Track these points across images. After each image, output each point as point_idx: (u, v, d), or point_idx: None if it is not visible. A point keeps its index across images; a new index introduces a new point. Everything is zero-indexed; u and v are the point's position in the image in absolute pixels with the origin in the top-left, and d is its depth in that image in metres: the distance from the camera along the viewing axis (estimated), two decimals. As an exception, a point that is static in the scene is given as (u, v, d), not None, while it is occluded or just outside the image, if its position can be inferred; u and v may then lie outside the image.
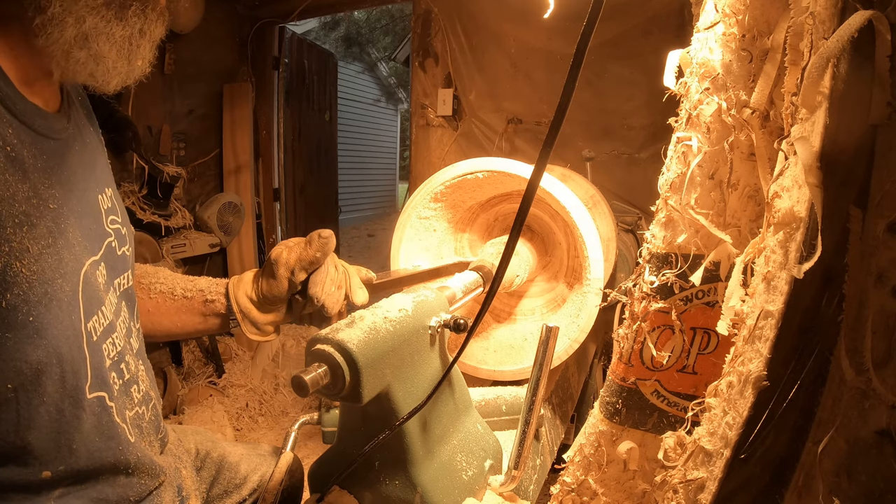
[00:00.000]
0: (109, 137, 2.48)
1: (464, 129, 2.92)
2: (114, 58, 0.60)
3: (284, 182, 3.71)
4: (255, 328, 0.88)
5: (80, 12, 0.56)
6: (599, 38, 2.37)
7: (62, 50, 0.57)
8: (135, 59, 0.62)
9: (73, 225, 0.62)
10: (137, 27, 0.61)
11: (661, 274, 0.74)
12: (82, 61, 0.58)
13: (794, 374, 0.52)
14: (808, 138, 0.48)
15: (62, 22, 0.55)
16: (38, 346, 0.56)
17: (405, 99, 9.75)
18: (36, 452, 0.59)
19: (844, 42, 0.44)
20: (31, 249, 0.55)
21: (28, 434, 0.57)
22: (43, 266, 0.56)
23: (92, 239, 0.66)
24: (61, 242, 0.59)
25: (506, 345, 1.24)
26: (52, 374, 0.58)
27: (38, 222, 0.56)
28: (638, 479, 0.81)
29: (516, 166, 1.04)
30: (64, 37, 0.56)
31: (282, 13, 3.28)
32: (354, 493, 0.69)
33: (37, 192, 0.57)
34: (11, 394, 0.55)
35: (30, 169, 0.56)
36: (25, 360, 0.55)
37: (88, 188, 0.67)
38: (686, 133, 0.72)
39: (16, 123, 0.55)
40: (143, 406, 0.74)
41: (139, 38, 0.61)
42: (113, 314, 0.68)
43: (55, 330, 0.57)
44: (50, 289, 0.56)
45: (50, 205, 0.58)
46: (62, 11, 0.55)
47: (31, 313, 0.55)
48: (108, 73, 0.61)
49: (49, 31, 0.55)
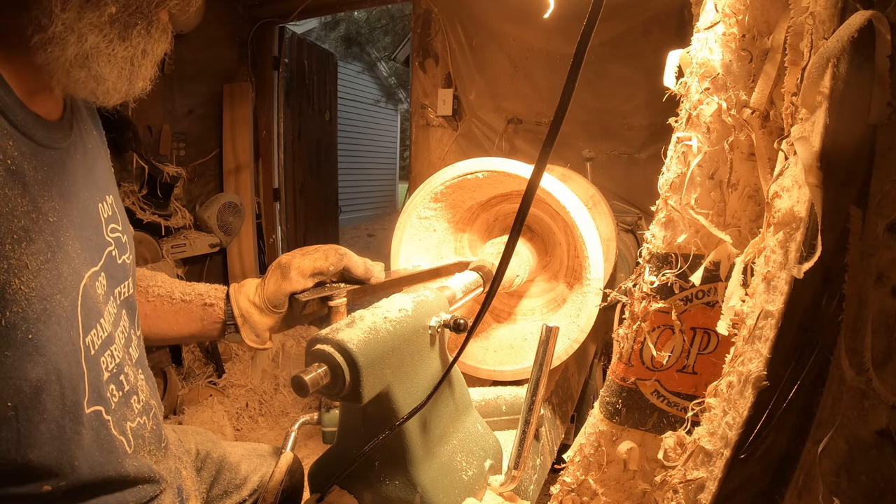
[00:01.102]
0: (109, 137, 2.46)
1: (464, 129, 2.92)
2: (114, 79, 0.58)
3: (284, 182, 3.71)
4: (253, 334, 0.88)
5: (82, 30, 0.54)
6: (599, 38, 2.37)
7: (62, 69, 0.55)
8: (136, 79, 0.61)
9: (73, 237, 0.61)
10: (140, 47, 0.59)
11: (661, 274, 0.74)
12: (82, 81, 0.57)
13: (794, 374, 0.52)
14: (808, 138, 0.48)
15: (63, 41, 0.53)
16: (38, 363, 0.55)
17: (405, 99, 9.74)
18: (38, 469, 0.58)
19: (844, 42, 0.44)
20: (30, 265, 0.54)
21: (29, 452, 0.57)
22: (42, 282, 0.55)
23: (92, 250, 0.65)
24: (60, 256, 0.58)
25: (506, 345, 1.24)
26: (52, 391, 0.57)
27: (37, 237, 0.55)
28: (638, 479, 0.81)
29: (516, 166, 1.04)
30: (65, 55, 0.54)
31: (282, 13, 3.28)
32: (354, 493, 0.69)
33: (36, 205, 0.56)
34: (11, 412, 0.55)
35: (30, 182, 0.55)
36: (25, 377, 0.54)
37: (89, 197, 0.66)
38: (686, 133, 0.72)
39: (16, 135, 0.55)
40: (144, 416, 0.73)
41: (141, 59, 0.60)
42: (112, 325, 0.68)
43: (54, 347, 0.56)
44: (49, 305, 0.56)
45: (49, 218, 0.57)
46: (64, 30, 0.53)
47: (30, 331, 0.54)
48: (108, 93, 0.59)
49: (49, 50, 0.54)
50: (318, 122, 4.26)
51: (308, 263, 0.83)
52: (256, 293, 0.87)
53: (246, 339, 0.87)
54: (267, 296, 0.85)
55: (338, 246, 0.86)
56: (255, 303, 0.86)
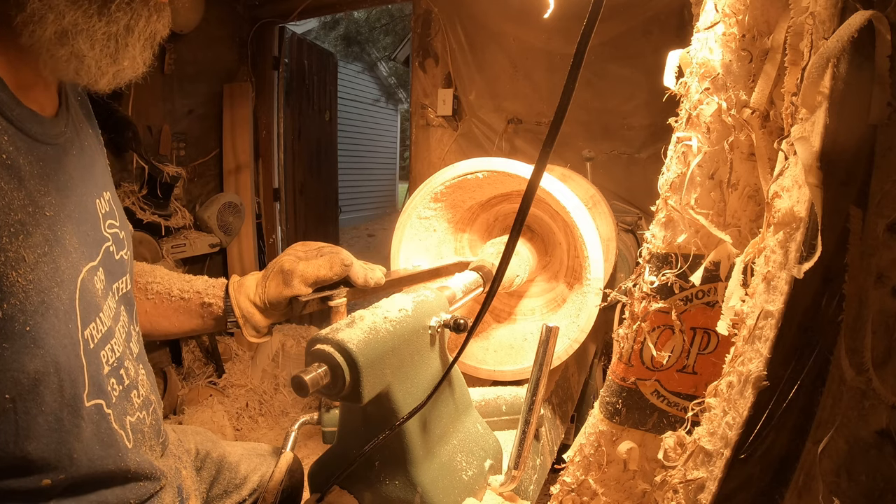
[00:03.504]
0: (109, 137, 2.48)
1: (464, 129, 2.92)
2: (96, 57, 0.57)
3: (284, 182, 3.71)
4: (254, 330, 0.89)
5: (59, 7, 0.54)
6: (599, 38, 2.37)
7: (45, 48, 0.55)
8: (122, 58, 0.59)
9: (70, 231, 0.61)
10: (123, 23, 0.57)
11: (661, 274, 0.74)
12: (64, 59, 0.56)
13: (794, 374, 0.52)
14: (808, 138, 0.48)
15: (42, 18, 0.53)
16: (36, 355, 0.55)
17: (405, 99, 9.74)
18: (36, 462, 0.58)
19: (844, 42, 0.44)
20: (27, 258, 0.54)
21: (27, 444, 0.57)
22: (39, 275, 0.55)
23: (89, 244, 0.65)
24: (58, 250, 0.58)
25: (506, 345, 1.24)
26: (50, 383, 0.57)
27: (34, 230, 0.56)
28: (638, 479, 0.81)
29: (516, 166, 1.04)
30: (46, 34, 0.54)
31: (282, 13, 3.28)
32: (354, 493, 0.69)
33: (33, 199, 0.56)
34: (9, 404, 0.55)
35: (26, 176, 0.56)
36: (23, 370, 0.55)
37: (86, 193, 0.66)
38: (686, 133, 0.72)
39: (11, 130, 0.55)
40: (144, 411, 0.74)
41: (126, 36, 0.58)
42: (111, 320, 0.68)
43: (52, 339, 0.57)
44: (46, 297, 0.56)
45: (46, 212, 0.58)
46: (41, 6, 0.53)
47: (27, 323, 0.54)
48: (92, 72, 0.59)
49: (32, 29, 0.54)
50: (318, 122, 4.26)
51: (311, 272, 0.84)
52: (257, 293, 0.87)
53: (247, 336, 0.89)
54: (268, 298, 0.86)
55: (344, 254, 0.86)
56: (255, 302, 0.87)
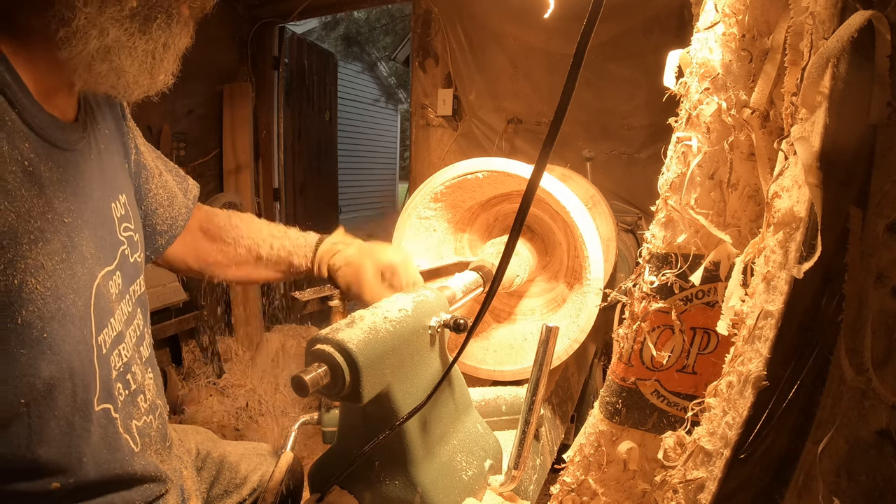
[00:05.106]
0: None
1: (464, 129, 2.92)
2: (135, 72, 0.59)
3: (284, 182, 3.71)
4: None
5: (104, 24, 0.55)
6: (599, 38, 2.37)
7: (84, 63, 0.56)
8: (157, 73, 0.62)
9: (87, 237, 0.62)
10: (161, 41, 0.60)
11: (661, 274, 0.74)
12: (104, 74, 0.58)
13: (793, 374, 0.52)
14: (808, 138, 0.48)
15: (86, 34, 0.54)
16: (52, 361, 0.56)
17: (405, 99, 9.74)
18: (46, 465, 0.59)
19: (844, 42, 0.44)
20: (46, 265, 0.55)
21: (39, 448, 0.57)
22: (57, 282, 0.56)
23: (106, 249, 0.66)
24: (75, 257, 0.59)
25: (506, 345, 1.24)
26: (64, 388, 0.58)
27: (53, 237, 0.56)
28: (638, 479, 0.81)
29: (516, 166, 1.04)
30: (87, 49, 0.55)
31: (282, 13, 3.28)
32: (354, 493, 0.69)
33: (52, 206, 0.57)
34: (24, 409, 0.55)
35: (46, 183, 0.56)
36: (38, 375, 0.55)
37: (102, 197, 0.67)
38: (686, 133, 0.72)
39: (33, 137, 0.55)
40: (151, 415, 0.74)
41: (163, 52, 0.61)
42: (123, 324, 0.69)
43: (68, 346, 0.57)
44: (63, 304, 0.57)
45: (65, 219, 0.58)
46: (87, 24, 0.54)
47: (45, 329, 0.55)
48: (129, 87, 0.60)
49: (73, 44, 0.54)
50: (318, 122, 4.26)
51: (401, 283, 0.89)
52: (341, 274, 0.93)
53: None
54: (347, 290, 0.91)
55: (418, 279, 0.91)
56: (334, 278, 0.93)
